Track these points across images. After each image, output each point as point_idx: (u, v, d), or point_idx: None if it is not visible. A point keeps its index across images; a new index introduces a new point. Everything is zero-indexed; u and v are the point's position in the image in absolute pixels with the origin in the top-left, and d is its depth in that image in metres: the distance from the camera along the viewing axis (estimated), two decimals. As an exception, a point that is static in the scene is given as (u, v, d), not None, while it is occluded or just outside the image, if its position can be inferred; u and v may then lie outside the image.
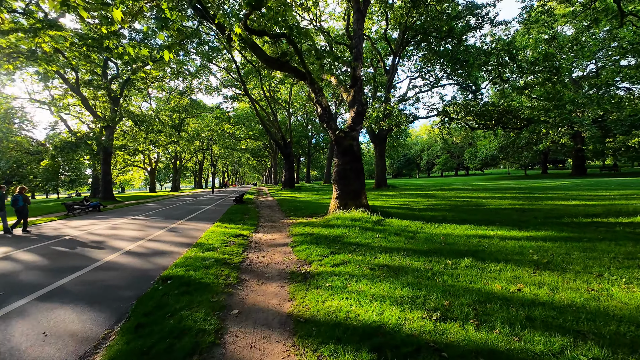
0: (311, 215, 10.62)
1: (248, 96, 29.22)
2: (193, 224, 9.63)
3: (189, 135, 46.75)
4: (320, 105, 9.53)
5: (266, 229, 8.47)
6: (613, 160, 45.02)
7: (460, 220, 8.15)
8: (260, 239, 6.97)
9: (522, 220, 7.87)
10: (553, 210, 9.19)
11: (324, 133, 60.42)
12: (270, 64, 9.53)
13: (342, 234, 6.57)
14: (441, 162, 66.90)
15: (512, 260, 4.19)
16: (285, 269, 4.56)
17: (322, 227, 7.55)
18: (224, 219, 10.59)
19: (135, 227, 9.37)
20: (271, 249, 5.94)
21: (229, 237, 7.01)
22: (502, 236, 5.87)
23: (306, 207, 13.06)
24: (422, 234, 6.44)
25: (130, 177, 62.47)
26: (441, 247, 5.12)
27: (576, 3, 17.16)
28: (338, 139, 9.58)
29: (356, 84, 9.72)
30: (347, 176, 9.38)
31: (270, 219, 10.39)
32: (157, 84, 39.04)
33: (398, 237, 6.08)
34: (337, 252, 5.11)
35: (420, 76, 28.94)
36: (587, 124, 26.43)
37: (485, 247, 5.02)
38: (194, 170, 74.76)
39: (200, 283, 3.86)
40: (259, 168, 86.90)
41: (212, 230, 8.10)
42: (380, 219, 8.07)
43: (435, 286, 3.30)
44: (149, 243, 6.78)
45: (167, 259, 5.30)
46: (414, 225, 7.41)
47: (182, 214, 12.81)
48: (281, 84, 12.76)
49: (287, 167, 30.76)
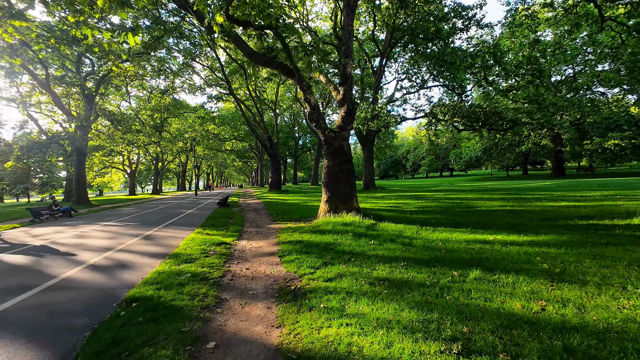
0: (299, 219, 10.09)
1: (233, 96, 28.37)
2: (171, 231, 8.89)
3: (171, 135, 45.21)
4: (309, 104, 9.04)
5: (251, 235, 7.87)
6: (588, 162, 46.92)
7: (455, 224, 7.85)
8: (244, 248, 6.38)
9: (517, 223, 7.66)
10: (545, 212, 9.07)
11: (311, 134, 59.98)
12: (255, 59, 8.95)
13: (334, 241, 6.08)
14: (427, 163, 67.85)
15: (522, 270, 3.83)
16: (272, 284, 4.02)
17: (312, 233, 7.04)
18: (205, 224, 9.88)
19: (106, 235, 8.53)
20: (257, 259, 5.38)
21: (209, 246, 6.38)
22: (503, 241, 5.55)
23: (294, 211, 12.51)
24: (419, 239, 6.04)
25: (109, 179, 59.75)
26: (442, 255, 4.72)
27: (558, 8, 17.52)
28: (328, 139, 9.11)
29: (346, 82, 9.29)
30: (337, 178, 8.92)
31: (256, 224, 9.78)
32: (137, 82, 37.57)
33: (394, 244, 5.65)
34: (330, 262, 4.61)
35: (407, 78, 28.99)
36: (567, 127, 27.23)
37: (489, 255, 4.66)
38: (177, 172, 72.56)
39: (171, 306, 3.26)
40: (244, 170, 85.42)
41: (191, 237, 7.42)
42: (373, 224, 7.65)
43: (447, 306, 2.87)
44: (119, 254, 6.05)
45: (136, 274, 4.64)
46: (409, 229, 7.03)
47: (160, 219, 11.97)
48: (269, 81, 12.16)
49: (273, 169, 30.06)
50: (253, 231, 8.45)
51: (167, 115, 39.57)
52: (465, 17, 18.16)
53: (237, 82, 33.87)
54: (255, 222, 10.17)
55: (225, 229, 8.70)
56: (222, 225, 9.58)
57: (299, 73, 8.85)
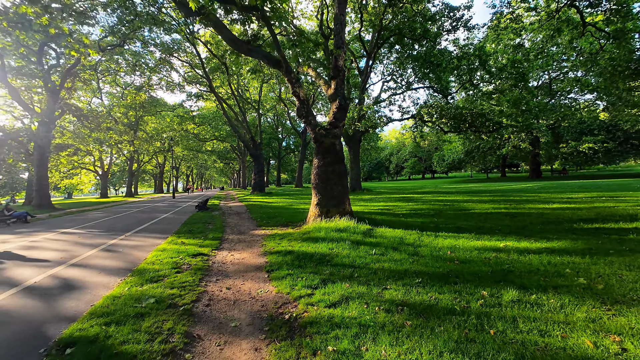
0: (287, 224, 9.25)
1: (214, 93, 27.06)
2: (140, 240, 7.79)
3: (148, 135, 42.89)
4: (298, 97, 8.26)
5: (233, 243, 6.95)
6: (561, 165, 49.08)
7: (456, 229, 7.32)
8: (225, 260, 5.47)
9: (520, 227, 7.23)
10: (543, 215, 8.75)
11: (295, 136, 59.06)
12: (237, 46, 8.07)
13: (330, 250, 5.32)
14: (410, 165, 68.69)
15: (560, 287, 3.23)
16: (260, 310, 3.19)
17: (303, 241, 6.24)
18: (181, 230, 8.82)
19: (61, 245, 7.31)
20: (240, 275, 4.51)
21: (183, 258, 5.43)
22: (516, 249, 5.02)
23: (280, 214, 11.64)
24: (424, 247, 5.40)
25: (78, 181, 55.84)
26: (458, 268, 4.08)
27: (542, 12, 17.80)
28: (318, 136, 8.37)
29: (338, 75, 8.60)
30: (329, 180, 8.18)
31: (239, 230, 8.84)
32: (110, 78, 35.32)
33: (399, 254, 4.97)
34: (329, 279, 3.84)
35: (392, 79, 28.87)
36: (544, 130, 28.03)
37: (510, 266, 4.07)
38: (154, 173, 69.27)
39: (120, 354, 2.37)
40: (226, 171, 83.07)
41: (163, 247, 6.41)
42: (369, 229, 6.96)
43: (498, 347, 2.18)
44: (69, 270, 4.98)
45: (84, 300, 3.66)
46: (409, 235, 6.39)
47: (130, 224, 10.72)
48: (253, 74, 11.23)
49: (256, 170, 28.93)
50: (235, 239, 7.52)
51: (142, 113, 37.39)
52: (453, 18, 18.07)
53: (218, 80, 32.53)
54: (237, 228, 9.22)
55: (203, 237, 7.72)
56: (199, 231, 8.56)
57: (287, 64, 8.06)
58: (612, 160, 33.24)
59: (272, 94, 45.59)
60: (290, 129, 57.78)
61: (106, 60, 29.77)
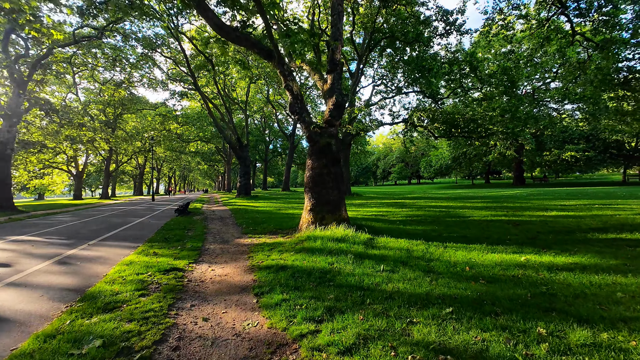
0: (276, 231, 8.38)
1: (199, 91, 25.85)
2: (105, 249, 6.72)
3: (127, 134, 40.83)
4: (291, 92, 7.49)
5: (215, 255, 6.03)
6: (542, 172, 50.54)
7: (461, 238, 6.72)
8: (204, 277, 4.57)
9: (530, 238, 6.71)
10: (547, 224, 8.32)
11: (283, 138, 58.12)
12: (225, 33, 7.22)
13: (331, 266, 4.53)
14: (397, 170, 69.05)
15: (628, 320, 2.59)
16: (247, 358, 2.36)
17: (297, 253, 5.42)
18: (156, 238, 7.78)
19: (6, 255, 6.14)
20: (221, 299, 3.64)
21: (153, 275, 4.49)
22: (540, 264, 4.41)
23: (268, 220, 10.74)
24: (437, 262, 4.72)
25: (49, 181, 52.34)
26: (488, 291, 3.39)
27: (532, 20, 17.94)
28: (312, 135, 7.61)
29: (335, 69, 7.91)
30: (324, 183, 7.41)
31: (222, 238, 7.89)
32: (88, 73, 33.37)
33: (411, 270, 4.25)
34: (336, 308, 3.05)
35: (382, 83, 28.64)
36: (529, 138, 28.47)
37: (547, 288, 3.42)
38: (133, 174, 66.30)
39: None
40: (210, 174, 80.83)
41: (130, 260, 5.42)
42: (370, 238, 6.23)
43: None
44: (1, 293, 3.94)
45: (3, 343, 2.70)
46: (416, 247, 5.70)
47: (99, 230, 9.52)
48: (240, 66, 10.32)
49: (242, 173, 27.79)
50: (217, 249, 6.60)
51: (121, 110, 35.45)
52: (447, 22, 17.90)
53: (204, 79, 31.33)
54: (220, 236, 8.26)
55: (180, 246, 6.74)
56: (177, 239, 7.56)
57: (280, 54, 7.29)
58: (592, 168, 34.34)
59: (260, 96, 44.64)
60: (278, 132, 56.80)
61: (83, 54, 28.01)
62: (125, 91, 33.96)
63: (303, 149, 58.52)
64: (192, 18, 23.58)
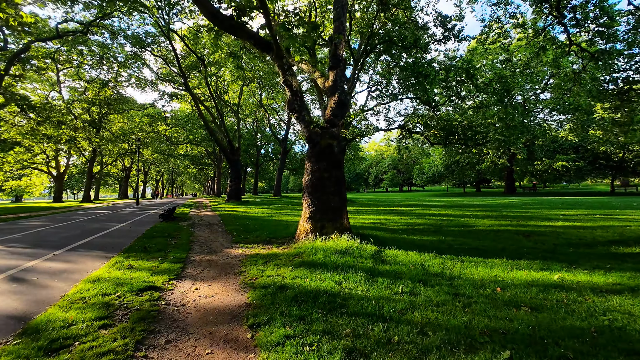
0: (269, 240, 7.62)
1: (189, 92, 24.94)
2: (73, 261, 5.83)
3: (113, 135, 39.30)
4: (290, 88, 6.84)
5: (201, 268, 5.24)
6: (530, 181, 51.29)
7: (474, 251, 6.15)
8: (186, 298, 3.79)
9: (549, 251, 6.18)
10: (559, 235, 7.85)
11: (275, 143, 57.37)
12: (219, 22, 6.55)
13: (339, 286, 3.82)
14: (388, 178, 69.04)
15: None
16: None
17: (297, 268, 4.70)
18: (134, 247, 6.90)
19: (-50, 268, 5.19)
20: (206, 331, 2.88)
21: (123, 296, 3.69)
22: (578, 284, 3.84)
23: (260, 227, 9.96)
24: (460, 280, 4.08)
25: (28, 182, 49.78)
26: (540, 323, 2.76)
27: (529, 29, 17.98)
28: (313, 136, 6.95)
29: (338, 65, 7.32)
30: (324, 188, 6.74)
31: (210, 248, 7.07)
32: (73, 70, 32.05)
33: (433, 292, 3.59)
34: (358, 351, 2.32)
35: (377, 89, 28.42)
36: (521, 147, 28.63)
37: (608, 319, 2.81)
38: (119, 177, 64.03)
39: None
40: (200, 177, 79.06)
41: (98, 275, 4.58)
42: (377, 251, 5.56)
43: None
44: None
45: None
46: (430, 261, 5.07)
47: (70, 237, 8.54)
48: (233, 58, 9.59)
49: (233, 177, 26.84)
50: (204, 261, 5.80)
51: (107, 110, 34.06)
52: (446, 28, 17.75)
53: (195, 81, 30.48)
54: (208, 245, 7.44)
55: (161, 257, 5.91)
56: (158, 249, 6.71)
57: (279, 46, 6.65)
58: (580, 178, 34.88)
59: (252, 100, 43.92)
60: (270, 136, 56.03)
61: (67, 50, 26.78)
62: (111, 90, 32.70)
63: (295, 154, 57.80)
64: (184, 16, 22.85)
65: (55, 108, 24.84)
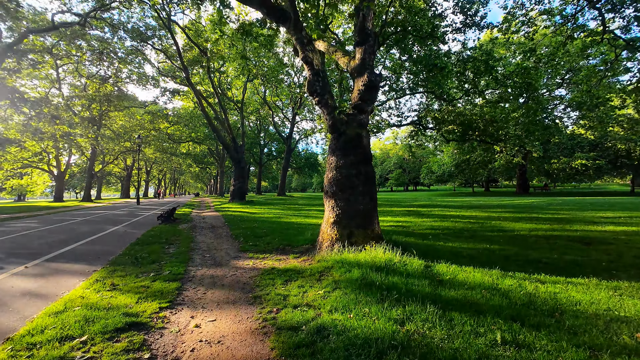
0: (284, 248, 6.46)
1: (191, 86, 23.83)
2: (46, 276, 4.69)
3: (114, 133, 38.39)
4: (310, 66, 5.66)
5: (203, 290, 4.07)
6: (541, 181, 49.75)
7: (537, 264, 5.05)
8: (181, 346, 2.63)
9: (614, 262, 5.00)
10: (627, 243, 6.62)
11: (278, 141, 56.30)
12: (225, -16, 5.38)
13: (402, 327, 2.64)
14: (394, 177, 67.68)
15: None
16: None
17: (331, 293, 3.52)
18: (122, 258, 5.76)
19: None
20: None
21: (89, 343, 2.54)
22: None
23: (270, 231, 8.80)
24: (565, 315, 2.89)
25: (28, 181, 48.95)
26: None
27: (556, 16, 16.67)
28: (337, 124, 5.77)
29: (367, 40, 6.11)
30: (353, 187, 5.55)
31: (213, 258, 5.92)
32: (72, 67, 31.15)
33: (556, 346, 2.41)
34: None
35: (386, 84, 27.22)
36: (537, 144, 27.29)
37: None
38: (121, 176, 63.24)
39: None
40: (202, 177, 78.20)
41: (66, 302, 3.43)
42: (425, 266, 4.38)
43: None
44: None
45: None
46: (500, 281, 3.88)
47: (53, 243, 7.42)
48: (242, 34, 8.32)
49: (237, 175, 25.73)
50: (207, 277, 4.64)
51: (107, 106, 33.09)
52: (466, 14, 16.45)
53: (197, 76, 29.46)
54: (211, 254, 6.29)
55: (154, 271, 4.76)
56: (152, 260, 5.56)
57: (297, 15, 5.47)
58: (598, 177, 33.43)
59: (256, 97, 42.80)
60: (274, 135, 54.92)
61: (66, 44, 25.83)
62: (111, 86, 31.72)
63: (299, 153, 56.63)
64: (185, 7, 21.73)
65: (51, 103, 23.85)
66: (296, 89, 40.18)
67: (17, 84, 24.88)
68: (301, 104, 44.66)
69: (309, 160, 54.53)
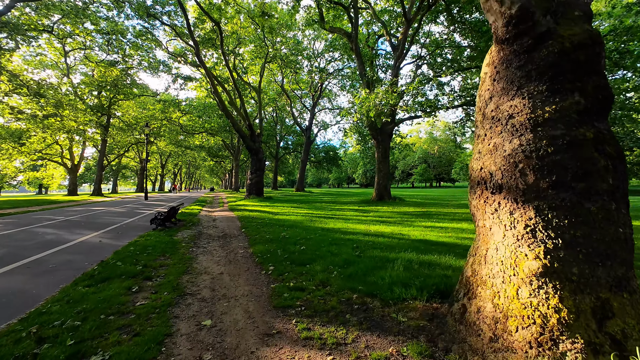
0: (365, 304, 3.03)
1: (203, 66, 20.76)
2: None
3: (125, 123, 36.32)
4: None
5: None
6: None
7: None
8: None
9: None
10: None
11: (295, 134, 53.00)
12: None
13: None
14: (419, 172, 63.16)
15: None
16: None
17: None
18: (39, 319, 2.55)
19: None
20: None
21: None
22: None
23: (312, 246, 5.44)
24: None
25: (44, 174, 48.02)
26: None
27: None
28: (528, 5, 2.24)
29: None
30: (589, 174, 2.05)
31: (219, 340, 2.60)
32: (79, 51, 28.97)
33: None
34: None
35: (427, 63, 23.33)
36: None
37: None
38: (137, 169, 62.06)
39: None
40: (217, 171, 76.37)
41: None
42: None
43: None
44: None
45: None
46: None
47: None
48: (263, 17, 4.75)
49: (254, 168, 22.63)
50: None
51: (115, 93, 30.73)
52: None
53: (210, 61, 26.66)
54: (216, 316, 2.95)
55: None
56: (78, 339, 2.30)
57: None
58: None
59: (273, 86, 39.61)
60: (291, 127, 51.73)
61: (69, 24, 23.48)
62: (119, 71, 29.25)
63: (317, 146, 53.22)
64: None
65: (52, 86, 21.48)
66: (316, 75, 36.71)
67: (14, 65, 22.76)
68: (320, 96, 41.07)
69: (329, 154, 51.05)
